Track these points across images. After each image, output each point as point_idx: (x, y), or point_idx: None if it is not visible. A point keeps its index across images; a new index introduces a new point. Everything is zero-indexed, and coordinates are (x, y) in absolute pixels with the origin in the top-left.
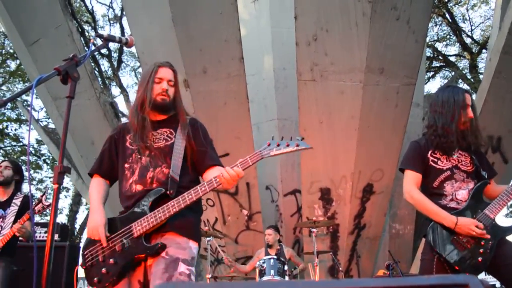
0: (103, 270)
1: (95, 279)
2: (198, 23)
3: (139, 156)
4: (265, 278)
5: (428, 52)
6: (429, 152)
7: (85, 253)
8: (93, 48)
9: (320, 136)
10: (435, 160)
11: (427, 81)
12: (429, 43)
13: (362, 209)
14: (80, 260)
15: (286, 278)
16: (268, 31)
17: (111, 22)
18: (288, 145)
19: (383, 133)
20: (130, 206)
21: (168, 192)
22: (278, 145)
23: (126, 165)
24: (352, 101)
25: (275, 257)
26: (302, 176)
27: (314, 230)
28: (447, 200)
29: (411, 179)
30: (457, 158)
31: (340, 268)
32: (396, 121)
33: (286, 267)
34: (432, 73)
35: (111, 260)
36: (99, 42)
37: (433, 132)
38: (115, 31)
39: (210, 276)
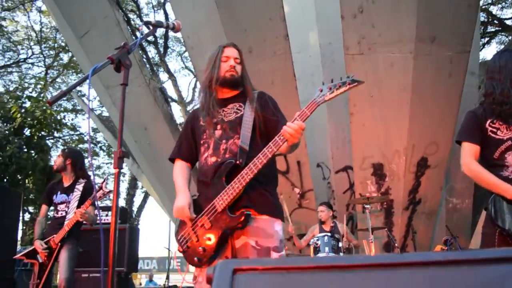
0: (200, 249)
1: (195, 258)
2: (241, 3)
3: (212, 131)
4: (319, 255)
5: (482, 16)
6: (488, 122)
7: (178, 238)
8: (142, 35)
9: (370, 111)
10: (494, 130)
11: (482, 47)
12: (483, 6)
13: (417, 184)
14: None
15: (341, 254)
16: (312, 6)
17: (155, 9)
18: (339, 86)
19: (437, 105)
20: (208, 179)
21: (237, 162)
22: (330, 88)
23: (201, 142)
24: (402, 73)
25: (329, 234)
26: (354, 152)
27: (367, 206)
28: (509, 171)
29: (469, 151)
30: None
31: (396, 244)
32: (450, 91)
33: (340, 244)
34: (487, 38)
35: (204, 237)
36: (146, 29)
37: (491, 100)
38: (159, 18)
39: None
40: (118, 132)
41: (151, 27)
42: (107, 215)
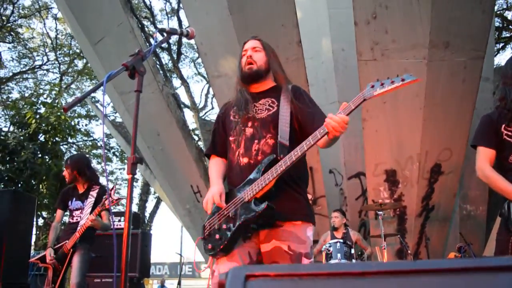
0: (217, 236)
1: (209, 245)
2: (254, 10)
3: (242, 128)
4: (332, 261)
5: (497, 22)
6: (503, 126)
7: (205, 224)
8: (156, 42)
9: (383, 117)
10: (510, 133)
11: (496, 53)
12: (498, 12)
13: (430, 190)
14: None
15: (353, 261)
16: (325, 12)
17: (169, 15)
18: (393, 82)
19: (451, 111)
20: (240, 180)
21: (278, 157)
22: (382, 84)
23: (231, 138)
24: None
25: (342, 240)
26: (366, 158)
27: (380, 212)
28: None
29: (484, 156)
30: None
31: (409, 251)
32: (464, 97)
33: (352, 251)
34: (502, 44)
35: (224, 226)
36: (160, 36)
37: (504, 106)
38: (173, 24)
39: None
40: (131, 138)
41: (165, 34)
42: (119, 221)
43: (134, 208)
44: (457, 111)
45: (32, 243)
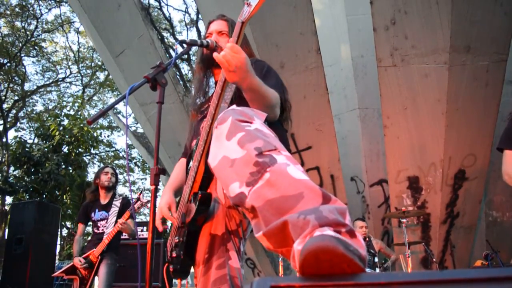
0: (174, 253)
1: (171, 267)
2: (272, 19)
3: (198, 116)
4: None
5: None
6: None
7: (167, 245)
8: (177, 54)
9: (405, 123)
10: None
11: None
12: None
13: (455, 197)
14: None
15: (377, 270)
16: (343, 19)
17: (188, 26)
18: None
19: (474, 115)
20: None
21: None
22: None
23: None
24: (437, 84)
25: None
26: (388, 165)
27: (403, 220)
28: None
29: (511, 160)
30: None
31: (434, 259)
32: (487, 101)
33: (376, 259)
34: None
35: (176, 239)
36: (180, 48)
37: None
38: (192, 35)
39: None
40: (154, 149)
41: (185, 46)
42: (142, 230)
43: None
44: (480, 116)
45: (57, 253)
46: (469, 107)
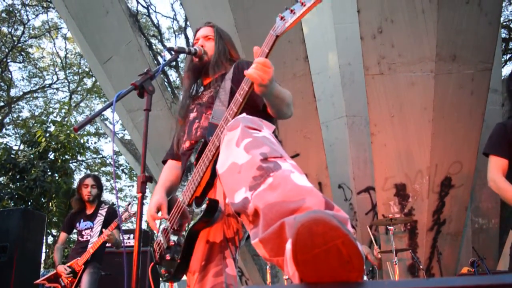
0: (167, 256)
1: (162, 269)
2: (261, 27)
3: (188, 115)
4: None
5: (504, 33)
6: None
7: (154, 246)
8: (164, 61)
9: (392, 131)
10: None
11: (504, 64)
12: (504, 23)
13: (441, 204)
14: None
15: (365, 277)
16: (331, 28)
17: (176, 33)
18: (303, 4)
19: (460, 123)
20: (184, 168)
21: (208, 140)
22: (292, 11)
23: (181, 133)
24: (423, 92)
25: None
26: (375, 172)
27: (391, 227)
28: None
29: (496, 165)
30: None
31: (421, 266)
32: (473, 109)
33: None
34: (509, 55)
35: (172, 242)
36: (168, 55)
37: None
38: (181, 42)
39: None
40: (141, 156)
41: (173, 53)
42: (129, 238)
43: (144, 226)
44: (466, 124)
45: (42, 261)
46: (455, 115)
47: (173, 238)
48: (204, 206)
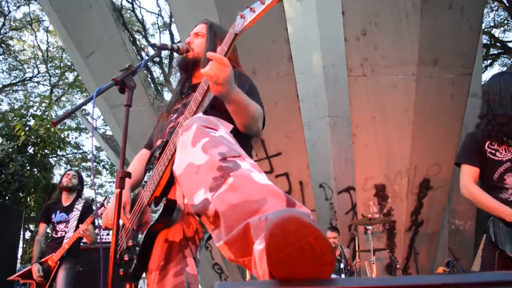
0: (126, 257)
1: (121, 270)
2: None
3: (171, 115)
4: None
5: (485, 39)
6: (486, 144)
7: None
8: (147, 57)
9: (373, 132)
10: (493, 151)
11: (484, 69)
12: (485, 29)
13: (419, 205)
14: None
15: (343, 276)
16: (316, 28)
17: (161, 29)
18: (263, 2)
19: (439, 127)
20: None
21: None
22: (252, 10)
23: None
24: (405, 95)
25: None
26: (356, 173)
27: (369, 227)
28: (509, 194)
29: (468, 174)
30: None
31: (398, 266)
32: (453, 113)
33: (342, 265)
34: (490, 61)
35: (130, 242)
36: (151, 51)
37: (488, 122)
38: (165, 38)
39: None
40: (121, 152)
41: (156, 49)
42: (108, 234)
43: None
44: (445, 127)
45: (19, 256)
46: (435, 118)
47: (132, 238)
48: (161, 206)
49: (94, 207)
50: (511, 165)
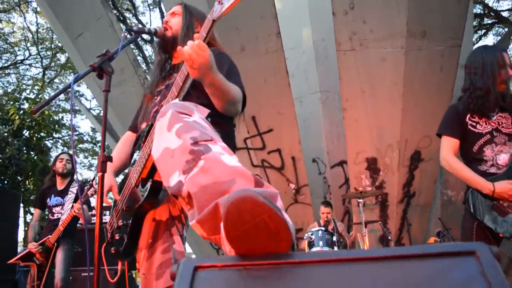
0: (117, 236)
1: (112, 249)
2: (233, 10)
3: (155, 98)
4: (314, 249)
5: (478, 8)
6: (467, 116)
7: (107, 226)
8: (124, 42)
9: (363, 106)
10: (474, 124)
11: (478, 39)
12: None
13: (411, 177)
14: None
15: (335, 248)
16: (305, 3)
17: (151, 7)
18: None
19: (429, 99)
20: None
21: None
22: None
23: (144, 112)
24: (394, 68)
25: (323, 228)
26: (348, 147)
27: (360, 200)
28: (488, 166)
29: (448, 145)
30: (497, 120)
31: (390, 237)
32: (442, 85)
33: (334, 238)
34: (483, 31)
35: (120, 222)
36: (128, 36)
37: (470, 95)
38: (155, 16)
39: None
40: (101, 136)
41: (133, 34)
42: (104, 214)
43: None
44: (435, 99)
45: (21, 239)
46: (424, 91)
47: (122, 218)
48: (147, 187)
49: (78, 188)
50: (490, 137)
